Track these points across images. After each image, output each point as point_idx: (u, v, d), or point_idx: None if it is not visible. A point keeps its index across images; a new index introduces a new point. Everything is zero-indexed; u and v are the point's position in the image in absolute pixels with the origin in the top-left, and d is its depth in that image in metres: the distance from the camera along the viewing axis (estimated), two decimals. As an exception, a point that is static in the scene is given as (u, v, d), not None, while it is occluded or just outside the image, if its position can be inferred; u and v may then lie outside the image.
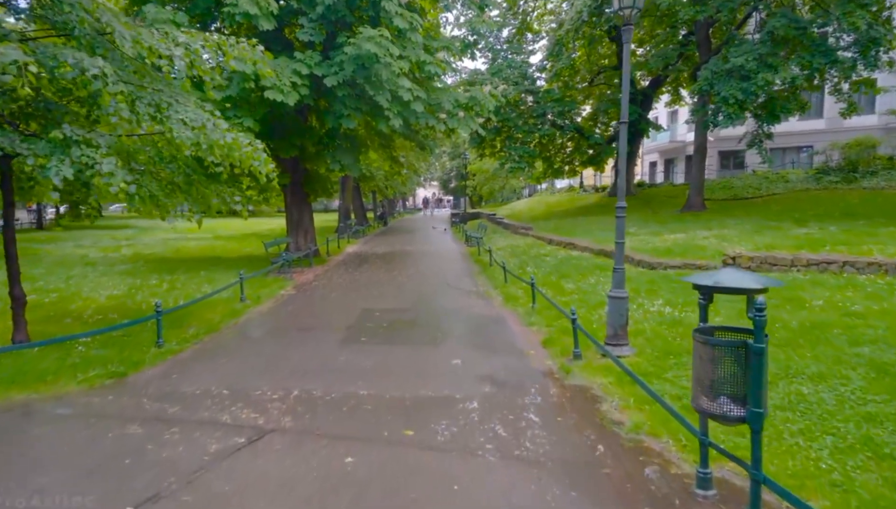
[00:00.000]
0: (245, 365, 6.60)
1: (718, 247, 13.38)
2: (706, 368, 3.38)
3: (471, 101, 14.97)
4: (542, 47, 29.11)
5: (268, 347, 7.40)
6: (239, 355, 7.04)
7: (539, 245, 18.16)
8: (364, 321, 8.88)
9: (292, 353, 7.07)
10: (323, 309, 10.04)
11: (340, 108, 13.83)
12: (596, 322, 8.09)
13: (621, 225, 6.81)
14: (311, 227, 17.56)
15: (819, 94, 25.90)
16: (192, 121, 6.80)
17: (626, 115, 6.74)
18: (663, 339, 6.96)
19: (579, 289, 10.39)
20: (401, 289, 11.84)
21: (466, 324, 8.75)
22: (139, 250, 19.26)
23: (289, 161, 16.58)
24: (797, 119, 26.37)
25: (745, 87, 17.33)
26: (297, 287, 12.32)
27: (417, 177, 40.10)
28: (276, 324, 8.87)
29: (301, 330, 8.46)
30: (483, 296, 11.07)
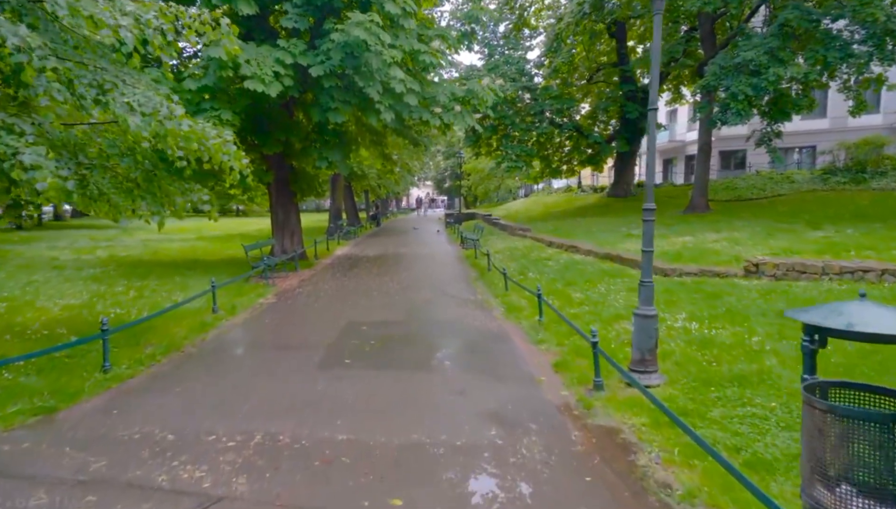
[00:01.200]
0: (202, 396, 5.48)
1: (732, 251, 12.39)
2: (826, 445, 2.31)
3: (468, 95, 13.88)
4: (540, 43, 28.09)
5: (233, 372, 6.27)
6: (197, 383, 5.91)
7: (539, 247, 17.11)
8: (349, 337, 7.77)
9: (261, 381, 5.95)
10: (304, 321, 8.91)
11: (327, 101, 12.70)
12: (614, 341, 7.02)
13: (649, 230, 5.74)
14: (297, 229, 16.41)
15: (822, 93, 25.01)
16: (142, 105, 5.67)
17: (655, 99, 5.67)
18: (696, 364, 5.90)
19: (588, 300, 9.34)
20: (392, 298, 10.74)
21: (465, 341, 7.66)
22: (115, 252, 18.04)
23: (273, 158, 15.44)
24: (800, 118, 25.50)
25: (755, 82, 16.34)
26: (278, 294, 11.19)
27: (411, 177, 38.95)
28: (249, 340, 7.75)
29: (276, 348, 7.34)
30: (482, 306, 9.99)
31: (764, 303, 7.98)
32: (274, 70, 11.63)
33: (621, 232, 17.81)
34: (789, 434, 4.21)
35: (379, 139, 17.94)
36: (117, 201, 6.58)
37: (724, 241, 13.82)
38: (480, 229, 20.02)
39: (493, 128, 25.10)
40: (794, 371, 5.49)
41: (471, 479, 3.87)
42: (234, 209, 49.59)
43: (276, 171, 15.66)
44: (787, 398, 4.86)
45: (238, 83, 11.98)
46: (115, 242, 21.83)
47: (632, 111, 24.52)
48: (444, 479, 3.86)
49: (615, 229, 18.71)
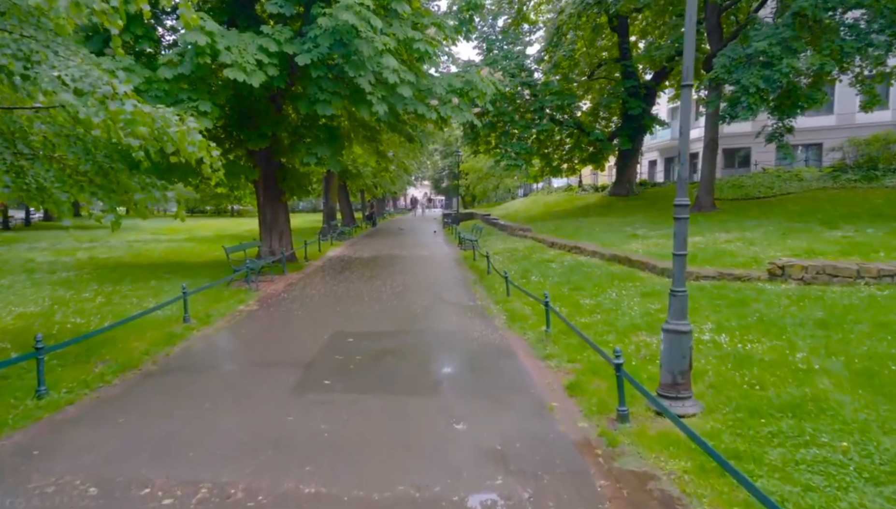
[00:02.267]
0: (148, 430, 4.53)
1: (748, 252, 11.48)
2: None
3: (466, 86, 12.92)
4: (540, 39, 27.15)
5: (193, 398, 5.31)
6: (147, 412, 4.96)
7: (540, 249, 16.18)
8: (333, 351, 6.82)
9: (223, 410, 4.99)
10: (284, 332, 7.96)
11: (316, 92, 11.74)
12: (634, 357, 6.08)
13: (682, 230, 4.79)
14: (286, 229, 15.45)
15: (829, 89, 24.09)
16: (77, 81, 4.72)
17: (689, 74, 4.71)
18: (736, 388, 4.97)
19: (600, 307, 8.40)
20: (384, 304, 9.79)
21: (464, 356, 6.72)
22: (97, 254, 17.05)
23: (260, 154, 14.48)
24: (805, 115, 24.64)
25: (768, 74, 15.42)
26: (261, 300, 10.23)
27: (408, 176, 37.98)
28: (219, 356, 6.79)
29: (248, 366, 6.39)
30: (482, 313, 9.05)
31: (799, 311, 7.05)
32: (257, 58, 10.67)
33: (626, 232, 16.91)
34: (878, 489, 3.27)
35: (373, 135, 16.98)
36: (59, 197, 5.63)
37: (737, 242, 12.91)
38: (479, 230, 19.08)
39: (491, 126, 24.16)
40: (854, 396, 4.57)
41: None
42: (229, 209, 48.57)
43: (263, 169, 14.70)
44: (859, 435, 3.92)
45: (219, 72, 11.03)
46: (99, 243, 20.84)
47: (634, 107, 23.59)
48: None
49: (619, 229, 17.80)
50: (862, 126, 26.05)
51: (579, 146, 25.63)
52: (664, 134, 32.23)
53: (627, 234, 16.29)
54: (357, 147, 18.59)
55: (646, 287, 9.38)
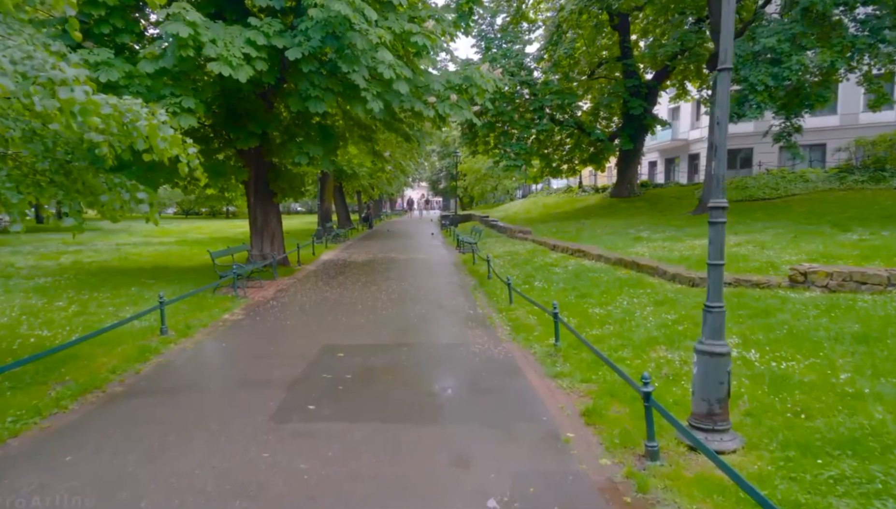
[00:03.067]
0: (96, 474, 3.83)
1: (761, 256, 10.82)
2: None
3: (465, 82, 12.25)
4: (539, 37, 26.51)
5: (155, 429, 4.62)
6: (100, 449, 4.26)
7: (542, 252, 15.51)
8: (321, 369, 6.14)
9: (189, 444, 4.30)
10: (270, 346, 7.27)
11: (307, 88, 11.06)
12: (655, 377, 5.42)
13: (719, 237, 4.13)
14: (278, 232, 14.75)
15: (832, 87, 23.55)
16: (18, 63, 4.04)
17: (728, 56, 4.04)
18: (778, 416, 4.31)
19: (610, 317, 7.74)
20: (379, 314, 9.11)
21: (465, 374, 6.04)
22: (81, 258, 16.32)
23: (250, 154, 13.79)
24: (808, 115, 24.06)
25: (777, 71, 14.83)
26: (248, 309, 9.53)
27: (405, 177, 37.29)
28: (193, 375, 6.09)
29: (225, 387, 5.70)
30: (484, 323, 8.38)
31: (832, 323, 6.40)
32: (244, 52, 9.99)
33: (629, 234, 16.27)
34: None
35: (368, 134, 16.30)
36: (8, 198, 4.94)
37: (748, 245, 12.25)
38: (478, 232, 18.42)
39: (490, 126, 23.50)
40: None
41: None
42: (224, 211, 47.78)
43: (253, 169, 14.01)
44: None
45: (204, 66, 10.35)
46: (87, 247, 20.11)
47: (636, 107, 22.98)
48: None
49: (622, 232, 17.16)
50: (866, 126, 25.51)
51: (580, 146, 24.99)
52: (664, 134, 31.64)
53: (631, 237, 15.65)
54: (352, 147, 17.90)
55: (657, 294, 8.73)
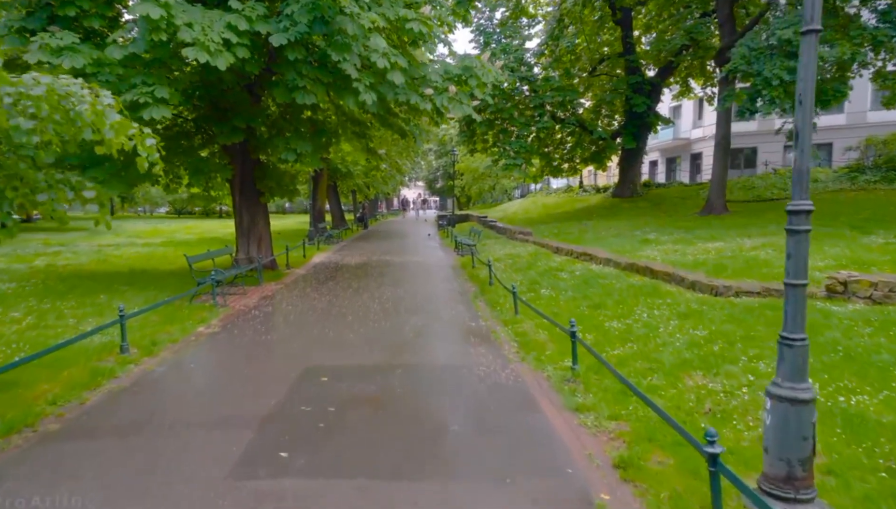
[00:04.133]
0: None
1: (784, 260, 9.90)
2: None
3: (465, 73, 11.31)
4: (539, 33, 25.60)
5: (83, 487, 3.67)
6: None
7: (545, 255, 14.59)
8: (301, 398, 5.19)
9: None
10: (244, 368, 6.31)
11: (294, 78, 10.09)
12: (698, 414, 4.50)
13: (801, 248, 3.23)
14: (266, 234, 13.77)
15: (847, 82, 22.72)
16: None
17: (817, 16, 3.13)
18: (871, 476, 3.39)
19: (631, 332, 6.81)
20: (370, 326, 8.16)
21: (470, 407, 5.09)
22: (57, 261, 15.28)
23: (235, 150, 12.81)
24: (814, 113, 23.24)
25: (793, 65, 13.93)
26: (225, 320, 8.56)
27: (401, 176, 36.30)
28: (147, 407, 5.11)
29: (184, 424, 4.73)
30: (487, 338, 7.44)
31: (892, 343, 5.50)
32: (224, 37, 9.00)
33: (636, 236, 15.37)
34: None
35: (362, 131, 15.34)
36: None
37: (766, 249, 11.36)
38: (477, 233, 17.49)
39: (489, 123, 22.57)
40: None
41: None
42: (217, 210, 46.64)
43: (239, 166, 13.02)
44: None
45: (180, 52, 9.37)
46: (68, 248, 19.04)
47: (639, 104, 22.08)
48: None
49: (628, 233, 16.27)
50: (874, 125, 24.71)
51: (581, 145, 24.09)
52: (666, 133, 30.78)
53: (638, 239, 14.75)
54: (345, 144, 16.93)
55: (679, 305, 7.82)
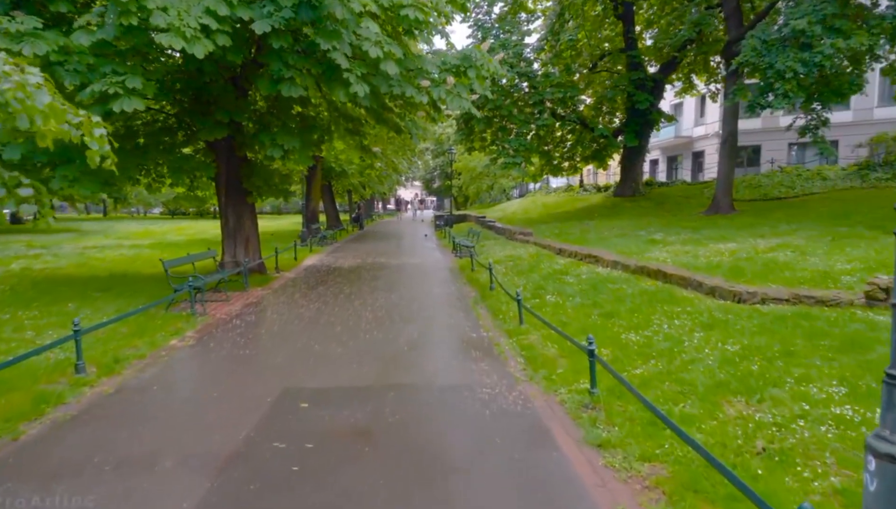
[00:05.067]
0: None
1: (807, 264, 9.17)
2: None
3: (464, 63, 10.53)
4: (538, 28, 24.83)
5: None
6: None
7: (547, 257, 13.82)
8: (275, 431, 4.40)
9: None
10: (214, 390, 5.50)
11: (280, 69, 9.30)
12: (746, 452, 3.72)
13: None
14: (253, 235, 12.96)
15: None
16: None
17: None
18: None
19: (651, 345, 6.04)
20: (361, 339, 7.37)
21: (475, 441, 4.30)
22: (35, 265, 14.45)
23: (221, 147, 12.02)
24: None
25: (807, 57, 13.22)
26: (203, 332, 7.76)
27: (397, 176, 35.44)
28: (90, 445, 4.30)
29: (125, 471, 3.92)
30: (491, 351, 6.66)
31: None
32: (202, 22, 8.19)
33: (641, 237, 14.62)
34: None
35: (356, 127, 14.55)
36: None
37: (784, 250, 10.61)
38: (476, 234, 16.72)
39: (487, 120, 21.80)
40: None
41: None
42: (212, 211, 45.68)
43: (224, 164, 12.23)
44: None
45: (155, 40, 8.56)
46: (50, 250, 18.19)
47: (642, 101, 21.33)
48: None
49: (632, 233, 15.52)
50: (880, 122, 24.05)
51: (582, 143, 23.33)
52: (667, 132, 30.06)
53: (644, 240, 13.99)
54: (338, 141, 16.14)
55: (701, 314, 7.06)
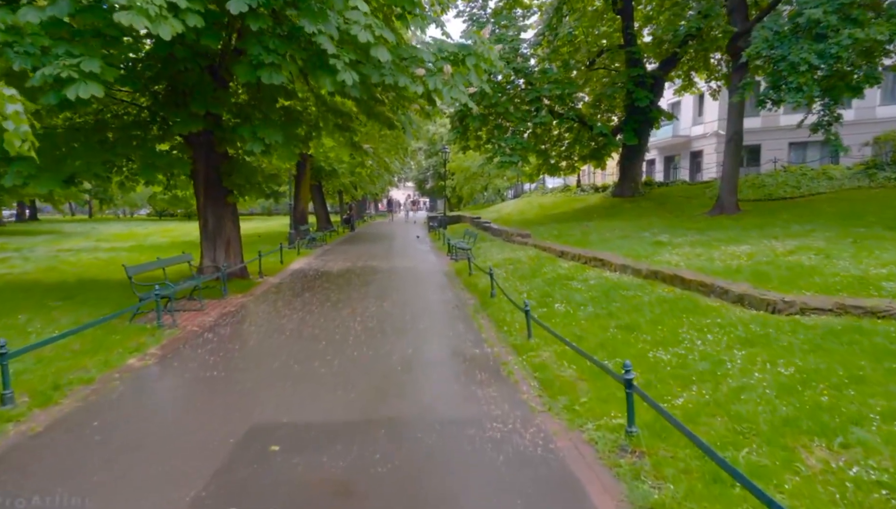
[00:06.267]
0: None
1: (834, 268, 8.29)
2: None
3: (462, 51, 9.58)
4: (534, 24, 23.95)
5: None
6: None
7: (549, 260, 12.91)
8: (229, 494, 3.42)
9: None
10: (163, 430, 4.50)
11: (259, 53, 8.30)
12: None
13: None
14: (234, 238, 11.94)
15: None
16: None
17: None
18: None
19: (686, 366, 5.12)
20: (347, 356, 6.40)
21: (486, 502, 3.35)
22: (4, 268, 13.33)
23: (198, 142, 11.01)
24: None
25: (822, 49, 12.41)
26: (167, 348, 6.75)
27: (390, 176, 34.42)
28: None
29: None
30: (498, 373, 5.71)
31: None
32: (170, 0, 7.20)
33: (645, 238, 13.75)
34: None
35: (346, 123, 13.56)
36: None
37: (805, 254, 9.73)
38: (473, 236, 15.78)
39: (482, 118, 20.87)
40: None
41: None
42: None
43: (203, 161, 11.21)
44: None
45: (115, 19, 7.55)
46: (21, 253, 17.03)
47: (642, 98, 20.50)
48: None
49: (635, 235, 14.65)
50: (882, 121, 23.42)
51: (580, 141, 22.46)
52: (665, 131, 29.28)
53: (650, 242, 13.12)
54: (327, 138, 15.14)
55: (735, 327, 6.16)
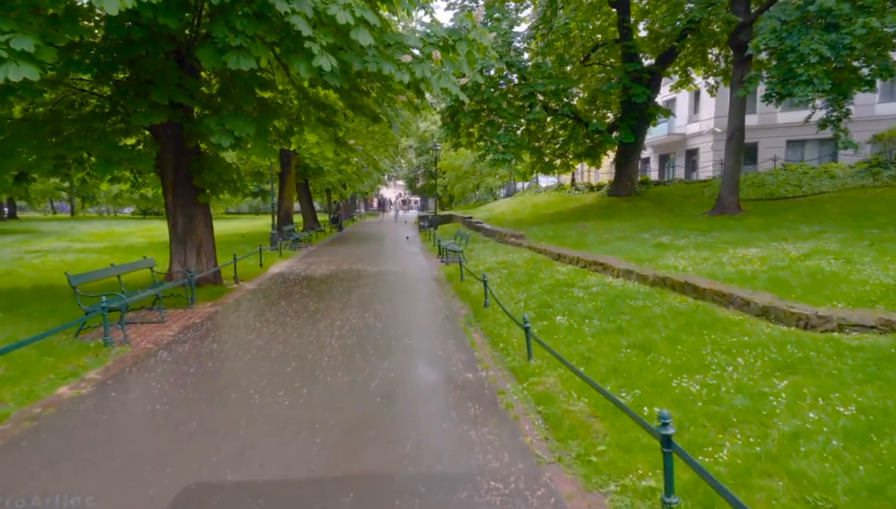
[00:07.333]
0: None
1: (858, 275, 7.48)
2: None
3: (452, 35, 8.64)
4: (528, 17, 23.08)
5: None
6: None
7: (545, 263, 12.03)
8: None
9: None
10: (76, 485, 3.55)
11: (225, 35, 7.31)
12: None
13: None
14: (207, 240, 10.93)
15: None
16: None
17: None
18: None
19: (720, 400, 4.24)
20: (320, 384, 5.46)
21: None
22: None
23: (166, 135, 10.01)
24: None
25: (834, 39, 11.65)
26: (109, 372, 5.76)
27: (379, 174, 33.41)
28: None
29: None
30: (495, 407, 4.79)
31: None
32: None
33: (646, 240, 12.95)
34: None
35: (328, 117, 12.59)
36: None
37: (823, 257, 8.92)
38: (464, 237, 14.87)
39: (474, 114, 19.96)
40: None
41: None
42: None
43: (171, 156, 10.20)
44: None
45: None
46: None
47: (639, 94, 19.69)
48: None
49: (635, 236, 13.86)
50: (882, 118, 22.83)
51: (575, 139, 21.62)
52: (660, 129, 28.55)
53: (651, 244, 12.30)
54: (309, 133, 14.15)
55: (765, 346, 5.31)
